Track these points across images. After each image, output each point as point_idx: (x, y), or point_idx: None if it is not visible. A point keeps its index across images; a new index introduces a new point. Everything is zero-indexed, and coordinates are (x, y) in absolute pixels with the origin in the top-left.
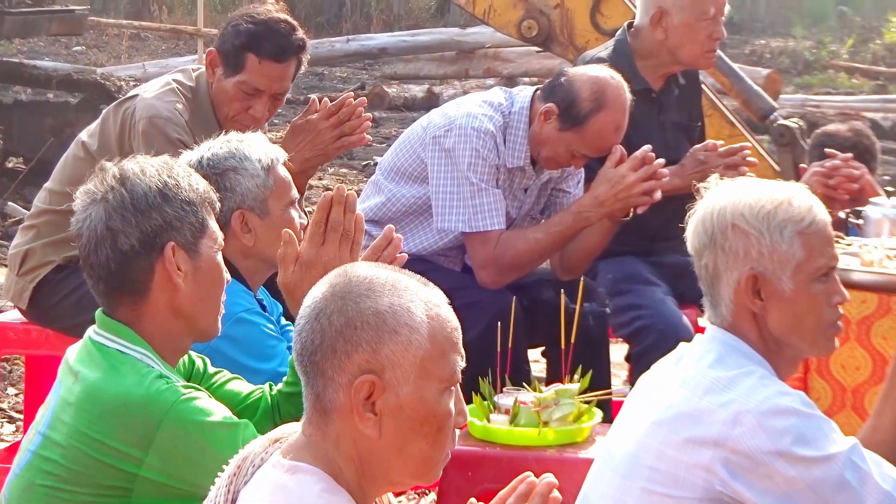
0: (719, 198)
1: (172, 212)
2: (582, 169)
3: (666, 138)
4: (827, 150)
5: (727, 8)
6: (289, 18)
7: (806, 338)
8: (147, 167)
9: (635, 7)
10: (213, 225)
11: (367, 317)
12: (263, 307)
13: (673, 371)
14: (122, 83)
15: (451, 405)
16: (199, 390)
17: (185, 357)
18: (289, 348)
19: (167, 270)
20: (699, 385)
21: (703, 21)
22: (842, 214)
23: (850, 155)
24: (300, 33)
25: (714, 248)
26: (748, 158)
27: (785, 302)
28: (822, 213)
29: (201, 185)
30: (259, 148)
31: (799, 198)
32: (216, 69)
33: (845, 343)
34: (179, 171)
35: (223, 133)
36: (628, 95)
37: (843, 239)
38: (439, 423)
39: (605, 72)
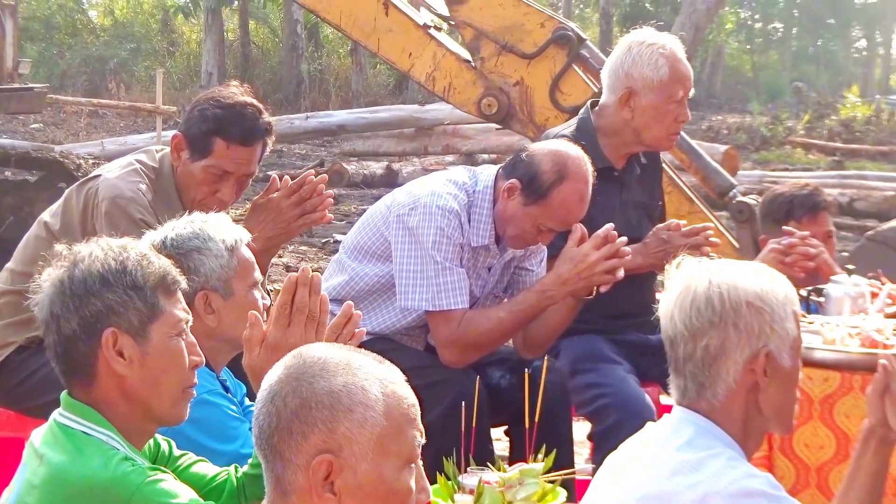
0: (718, 277)
1: (114, 297)
2: (545, 248)
3: (628, 217)
4: (784, 227)
5: None
6: (255, 102)
7: (786, 414)
8: (97, 251)
9: (595, 85)
10: (172, 309)
11: (321, 397)
12: (226, 388)
13: (640, 451)
14: (81, 161)
15: (412, 482)
16: (165, 472)
17: (151, 440)
18: (251, 429)
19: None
20: (667, 466)
21: (670, 104)
22: (803, 292)
23: (807, 233)
24: (266, 116)
25: (724, 326)
26: (711, 238)
27: (782, 378)
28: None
29: (158, 269)
30: (223, 228)
31: (782, 278)
32: (181, 153)
33: (808, 422)
34: (131, 255)
35: (187, 213)
36: (590, 167)
37: (804, 317)
38: (400, 501)
39: (565, 145)
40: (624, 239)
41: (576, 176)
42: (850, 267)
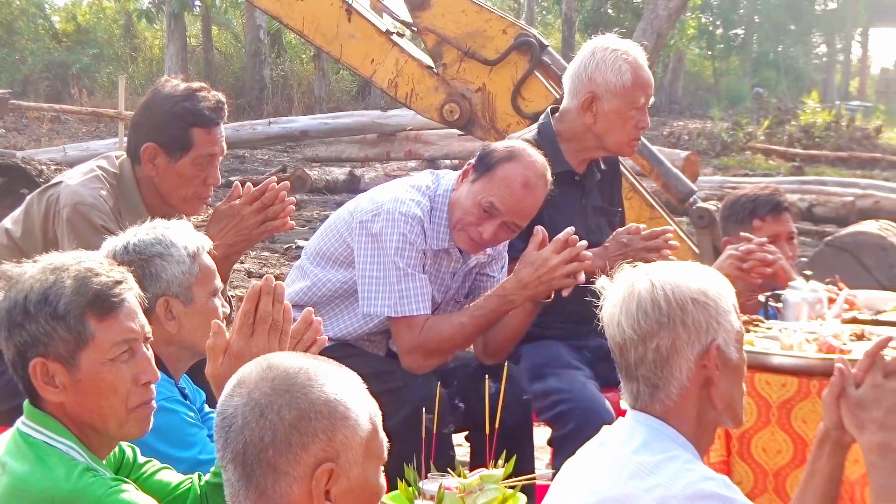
0: (659, 279)
1: (37, 328)
2: (506, 254)
3: (588, 222)
4: (742, 234)
5: None
6: (196, 83)
7: (737, 406)
8: (31, 276)
9: (556, 91)
10: (106, 332)
11: (319, 406)
12: (185, 395)
13: (597, 455)
14: (43, 167)
15: (383, 481)
16: (127, 483)
17: (116, 447)
18: (210, 437)
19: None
20: (624, 470)
21: (632, 110)
22: (762, 298)
23: (764, 239)
24: (212, 90)
25: (673, 325)
26: (670, 242)
27: (731, 371)
28: None
29: (90, 291)
30: (185, 235)
31: (715, 273)
32: (156, 160)
33: (766, 426)
34: (61, 280)
35: (150, 219)
36: (546, 168)
37: (762, 322)
38: (377, 501)
39: (525, 144)
40: (584, 243)
41: (526, 162)
42: (808, 272)
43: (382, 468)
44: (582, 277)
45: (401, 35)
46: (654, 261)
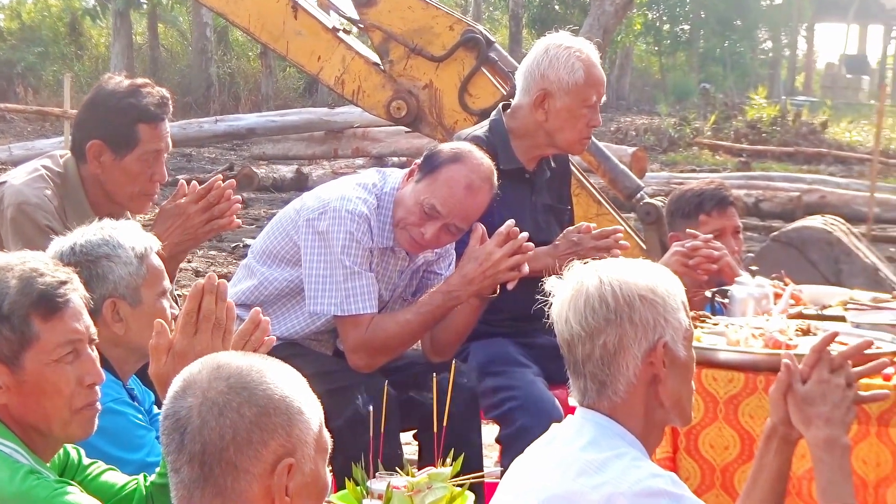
0: (608, 275)
1: None
2: (453, 252)
3: (537, 219)
4: (688, 230)
5: None
6: (143, 80)
7: (685, 404)
8: None
9: (503, 88)
10: (51, 333)
11: (277, 403)
12: (133, 397)
13: (545, 453)
14: None
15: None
16: (71, 485)
17: (60, 449)
18: (158, 438)
19: None
20: (572, 467)
21: (584, 108)
22: (708, 293)
23: (710, 235)
24: (156, 87)
25: (619, 322)
26: (620, 241)
27: (679, 368)
28: None
29: (34, 291)
30: (133, 236)
31: (665, 270)
32: (101, 158)
33: (713, 422)
34: (1, 283)
35: (96, 219)
36: (492, 170)
37: (709, 318)
38: (325, 496)
39: (472, 146)
40: (525, 235)
41: (471, 164)
42: (754, 268)
43: (329, 466)
44: (526, 269)
45: (347, 32)
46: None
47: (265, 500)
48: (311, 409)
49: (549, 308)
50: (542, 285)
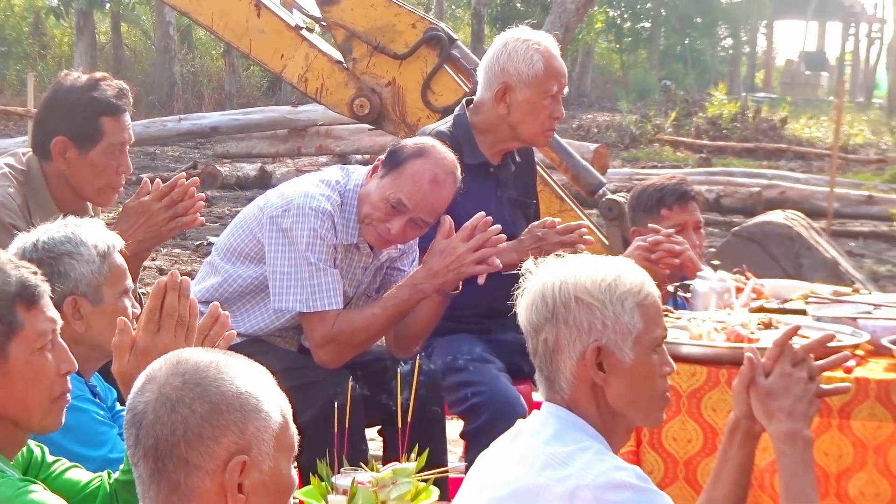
0: (556, 272)
1: None
2: (416, 248)
3: (503, 214)
4: (650, 224)
5: None
6: (101, 74)
7: (641, 408)
8: None
9: (466, 85)
10: (33, 322)
11: (230, 399)
12: (95, 394)
13: (510, 447)
14: None
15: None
16: (36, 483)
17: (24, 447)
18: (120, 435)
19: None
20: (536, 461)
21: (545, 99)
22: (670, 288)
23: (672, 230)
24: (113, 79)
25: (556, 322)
26: (585, 236)
27: (625, 373)
28: (653, 287)
29: (14, 282)
30: (96, 234)
31: (632, 271)
32: (66, 154)
33: (676, 416)
34: None
35: (60, 216)
36: (456, 165)
37: (671, 312)
38: (289, 494)
39: (435, 141)
40: (497, 227)
41: (435, 159)
42: (716, 262)
43: (295, 463)
44: (497, 263)
45: (310, 30)
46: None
47: (219, 496)
48: (271, 407)
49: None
50: (506, 281)
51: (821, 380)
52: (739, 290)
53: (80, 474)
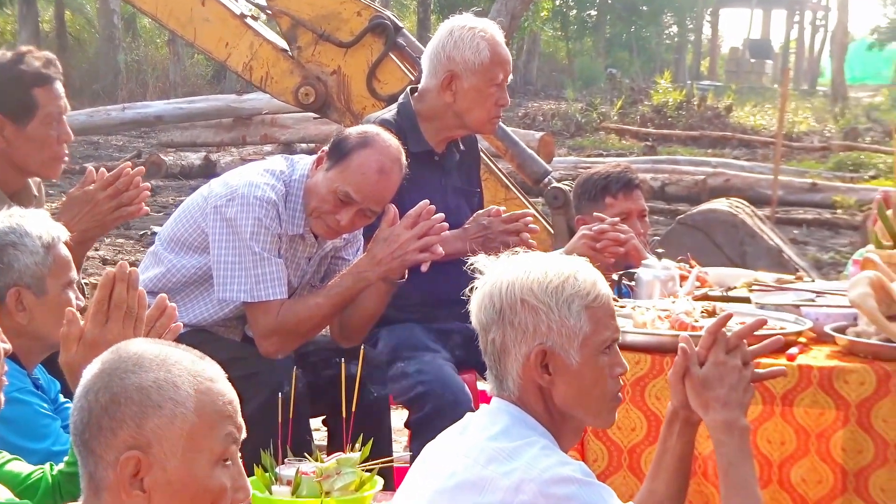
0: (506, 273)
1: None
2: (361, 238)
3: (447, 202)
4: (595, 213)
5: None
6: (25, 48)
7: (590, 410)
8: None
9: (411, 73)
10: None
11: (130, 392)
12: (38, 386)
13: (457, 441)
14: None
15: (226, 480)
16: None
17: None
18: (64, 427)
19: None
20: (483, 454)
21: (491, 87)
22: (615, 276)
23: (617, 219)
24: (38, 51)
25: (503, 323)
26: (530, 225)
27: (571, 375)
28: (606, 288)
29: None
30: (40, 225)
31: (584, 272)
32: (4, 132)
33: (621, 404)
34: None
35: (6, 195)
36: (401, 152)
37: (616, 301)
38: (212, 498)
39: (378, 129)
40: (440, 215)
41: (380, 148)
42: (660, 250)
43: (229, 464)
44: (440, 251)
45: (255, 18)
46: (514, 244)
47: (120, 490)
48: (182, 406)
49: (462, 293)
50: (451, 270)
51: (755, 365)
52: (684, 278)
53: (20, 466)
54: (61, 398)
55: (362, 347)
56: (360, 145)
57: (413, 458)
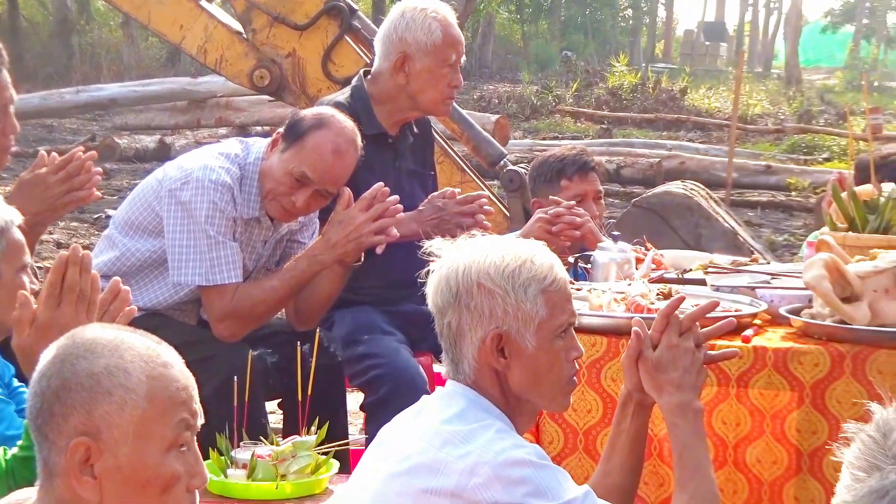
0: (463, 256)
1: None
2: (317, 221)
3: (401, 184)
4: (551, 196)
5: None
6: None
7: (546, 394)
8: None
9: (367, 56)
10: None
11: (81, 378)
12: None
13: (413, 423)
14: None
15: (179, 466)
16: None
17: None
18: (19, 411)
19: None
20: (437, 437)
21: (444, 67)
22: (571, 259)
23: (573, 203)
24: None
25: (459, 306)
26: (485, 207)
27: (527, 359)
28: (562, 272)
29: None
30: None
31: (540, 256)
32: None
33: (576, 387)
34: None
35: None
36: (356, 133)
37: (572, 284)
38: (164, 485)
39: (333, 110)
40: (395, 198)
41: (336, 129)
42: (616, 233)
43: (184, 450)
44: (395, 233)
45: (210, 0)
46: (469, 226)
47: (71, 475)
48: (133, 392)
49: (418, 276)
50: (407, 253)
51: (709, 347)
52: (639, 260)
53: None
54: (15, 382)
55: (318, 331)
56: (316, 126)
57: (369, 441)
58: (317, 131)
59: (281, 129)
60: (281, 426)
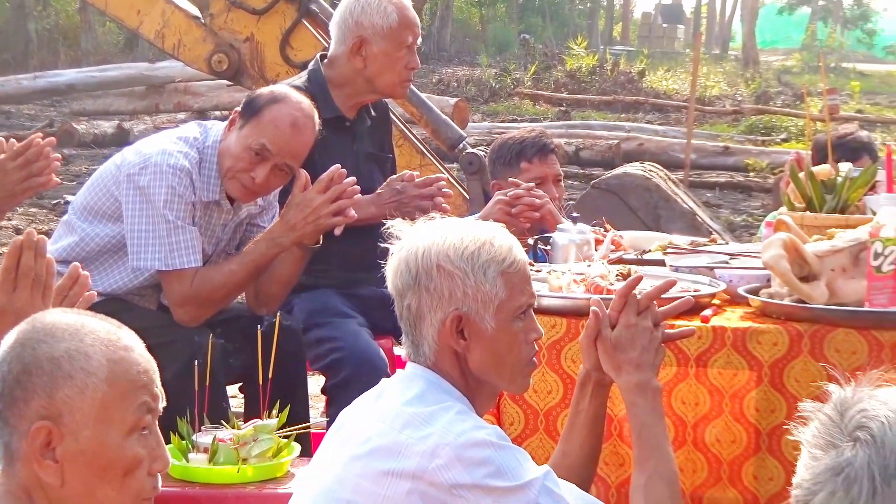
0: (422, 238)
1: None
2: (276, 205)
3: (359, 168)
4: (511, 178)
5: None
6: None
7: (505, 375)
8: None
9: (325, 40)
10: None
11: (42, 362)
12: None
13: (373, 406)
14: None
15: (141, 450)
16: None
17: None
18: None
19: None
20: (398, 419)
21: (401, 50)
22: (530, 241)
23: (532, 184)
24: None
25: (418, 288)
26: (444, 189)
27: (487, 341)
28: (522, 254)
29: None
30: None
31: (500, 238)
32: None
33: (536, 368)
34: None
35: None
36: (314, 110)
37: (532, 265)
38: (126, 468)
39: (289, 88)
40: (352, 179)
41: (292, 103)
42: (575, 215)
43: (146, 433)
44: (353, 214)
45: None
46: (428, 208)
47: (32, 459)
48: (94, 376)
49: (378, 259)
50: (366, 236)
51: (665, 326)
52: (599, 241)
53: None
54: None
55: (278, 314)
56: (272, 101)
57: (330, 424)
58: (273, 105)
59: (238, 109)
60: (242, 410)
